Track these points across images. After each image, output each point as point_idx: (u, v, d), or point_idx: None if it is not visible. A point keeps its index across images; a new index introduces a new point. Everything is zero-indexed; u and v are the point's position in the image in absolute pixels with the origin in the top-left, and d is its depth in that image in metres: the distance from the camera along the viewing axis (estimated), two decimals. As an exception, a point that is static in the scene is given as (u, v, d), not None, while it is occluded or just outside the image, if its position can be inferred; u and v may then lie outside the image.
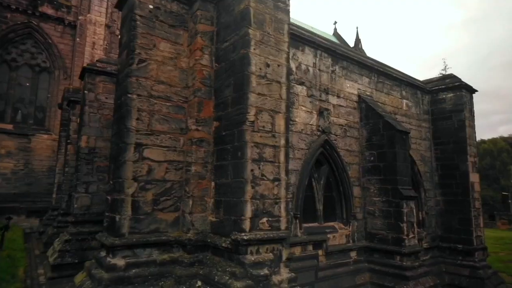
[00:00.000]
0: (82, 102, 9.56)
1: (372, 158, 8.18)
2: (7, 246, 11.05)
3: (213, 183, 5.47)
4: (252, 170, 4.82)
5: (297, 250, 6.63)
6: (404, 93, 10.18)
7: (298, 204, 6.78)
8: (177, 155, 5.58)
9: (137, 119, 5.26)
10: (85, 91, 9.34)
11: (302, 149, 7.13)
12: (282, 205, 5.14)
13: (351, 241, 7.76)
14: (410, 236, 7.49)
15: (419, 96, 10.79)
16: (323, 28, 59.14)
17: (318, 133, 7.52)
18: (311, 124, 7.41)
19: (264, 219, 4.89)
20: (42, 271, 8.78)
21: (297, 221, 6.75)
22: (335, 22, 50.67)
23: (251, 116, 4.92)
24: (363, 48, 39.37)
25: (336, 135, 7.94)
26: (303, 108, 7.30)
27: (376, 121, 8.19)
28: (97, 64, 9.60)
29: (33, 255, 11.12)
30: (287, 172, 5.29)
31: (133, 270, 4.85)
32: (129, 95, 5.25)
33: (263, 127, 5.07)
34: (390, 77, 9.68)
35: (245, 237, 4.52)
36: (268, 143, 5.10)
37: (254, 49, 5.10)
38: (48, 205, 16.20)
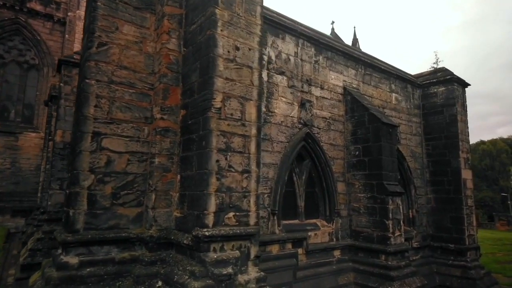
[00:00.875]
0: (58, 96, 9.18)
1: (357, 153, 7.80)
2: (-16, 245, 10.67)
3: (179, 176, 5.09)
4: (217, 161, 4.44)
5: (275, 249, 6.25)
6: (393, 86, 9.82)
7: (276, 200, 6.40)
8: (140, 146, 5.19)
9: (96, 106, 4.87)
10: (61, 84, 8.96)
11: (281, 142, 6.75)
12: (252, 199, 4.75)
13: (334, 239, 7.38)
14: (396, 234, 7.10)
15: (410, 90, 10.43)
16: (320, 28, 58.85)
17: (300, 125, 7.15)
18: (291, 116, 7.03)
19: (231, 214, 4.50)
20: (13, 271, 8.39)
21: (275, 217, 6.37)
22: (333, 22, 50.57)
23: (217, 103, 4.55)
24: (360, 47, 39.12)
25: (319, 128, 7.57)
26: (283, 99, 6.93)
27: (361, 114, 7.82)
28: (74, 56, 9.23)
29: (10, 255, 10.74)
30: (258, 164, 4.91)
31: (88, 269, 4.45)
32: (87, 81, 4.87)
33: (231, 114, 4.69)
34: (378, 70, 9.32)
35: (206, 233, 4.14)
36: (237, 132, 4.72)
37: (221, 30, 4.73)
38: (34, 205, 15.83)
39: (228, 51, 4.77)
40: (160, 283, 4.54)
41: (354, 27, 53.91)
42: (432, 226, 10.05)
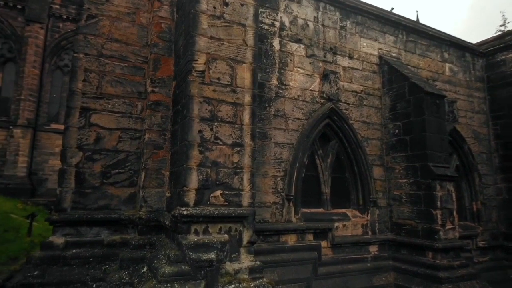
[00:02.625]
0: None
1: (396, 131, 6.58)
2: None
3: (170, 153, 4.62)
4: (200, 132, 3.85)
5: (291, 239, 5.44)
6: (446, 55, 8.25)
7: (292, 184, 5.58)
8: (133, 122, 4.84)
9: (84, 80, 4.63)
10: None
11: (298, 119, 5.91)
12: (246, 176, 4.07)
13: (370, 232, 6.28)
14: (446, 227, 5.77)
15: (469, 60, 8.70)
16: (376, 16, 54.79)
17: (322, 100, 6.22)
18: (311, 90, 6.15)
19: (218, 192, 3.87)
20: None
21: (291, 204, 5.55)
22: (392, 8, 46.86)
23: (199, 65, 3.96)
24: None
25: (348, 104, 6.54)
26: (300, 70, 6.08)
27: (400, 85, 6.59)
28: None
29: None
30: (253, 136, 4.20)
31: (73, 250, 4.20)
32: (75, 54, 4.67)
33: (218, 79, 4.07)
34: (425, 36, 7.88)
35: (184, 212, 3.56)
36: (226, 99, 4.08)
37: (205, -17, 4.14)
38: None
39: (214, 7, 4.15)
40: (145, 268, 4.08)
41: (417, 12, 49.27)
42: (504, 222, 8.21)
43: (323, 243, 5.73)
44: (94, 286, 3.99)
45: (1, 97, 19.32)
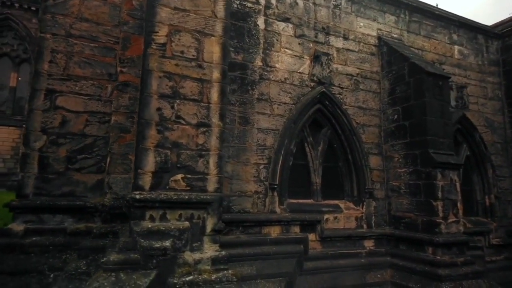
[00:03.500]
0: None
1: (395, 116, 6.06)
2: None
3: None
4: (159, 109, 3.54)
5: (274, 231, 5.04)
6: (455, 37, 7.61)
7: (276, 172, 5.18)
8: (102, 105, 4.59)
9: (50, 61, 4.42)
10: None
11: (285, 103, 5.50)
12: (212, 159, 3.72)
13: (365, 226, 5.79)
14: (449, 220, 5.21)
15: (482, 42, 8.00)
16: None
17: (312, 84, 5.79)
18: (300, 72, 5.72)
19: (179, 176, 3.55)
20: None
21: (275, 193, 5.16)
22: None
23: (160, 37, 3.65)
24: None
25: (342, 88, 6.06)
26: (288, 51, 5.66)
27: (400, 67, 6.06)
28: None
29: None
30: (222, 116, 3.85)
31: (33, 238, 3.98)
32: (41, 35, 4.46)
33: (182, 53, 3.74)
34: (431, 16, 7.28)
35: (137, 197, 3.26)
36: (190, 74, 3.75)
37: (169, -49, 3.82)
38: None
39: (178, -25, 3.83)
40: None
41: (437, 4, 47.44)
42: (522, 218, 7.49)
43: (311, 236, 5.30)
44: (51, 275, 3.76)
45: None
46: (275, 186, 5.14)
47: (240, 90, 5.13)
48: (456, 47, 7.57)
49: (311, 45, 5.89)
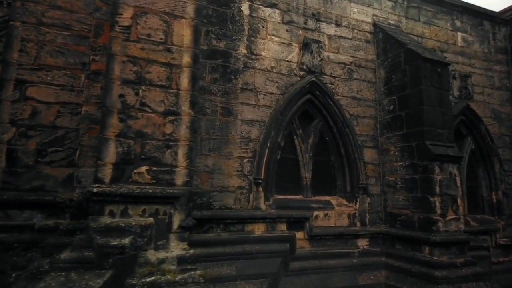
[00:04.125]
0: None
1: (391, 107, 5.69)
2: None
3: (109, 128, 4.09)
4: (121, 96, 3.31)
5: (258, 229, 4.76)
6: (458, 23, 7.16)
7: (261, 167, 4.90)
8: (75, 96, 4.37)
9: (20, 50, 4.22)
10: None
11: (271, 93, 5.20)
12: (181, 150, 3.46)
13: (358, 223, 5.45)
14: (448, 218, 4.83)
15: (488, 29, 7.53)
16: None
17: (302, 73, 5.47)
18: (288, 61, 5.41)
19: (143, 168, 3.30)
20: None
21: (260, 188, 4.87)
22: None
23: (124, 19, 3.42)
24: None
25: (334, 77, 5.73)
26: (275, 38, 5.36)
27: (396, 54, 5.68)
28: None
29: None
30: (193, 104, 3.59)
31: (-1, 235, 3.78)
32: (11, 23, 4.27)
33: (149, 36, 3.49)
34: (431, 1, 6.86)
35: (95, 190, 3.04)
36: (157, 59, 3.50)
37: None
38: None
39: (145, -46, 3.57)
40: (70, 257, 3.58)
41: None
42: (532, 216, 7.00)
43: (299, 234, 4.99)
44: (13, 275, 3.55)
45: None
46: (260, 181, 4.85)
47: (223, 79, 4.86)
48: (459, 34, 7.12)
49: (300, 32, 5.57)
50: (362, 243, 5.39)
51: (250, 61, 5.11)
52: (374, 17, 6.24)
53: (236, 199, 4.71)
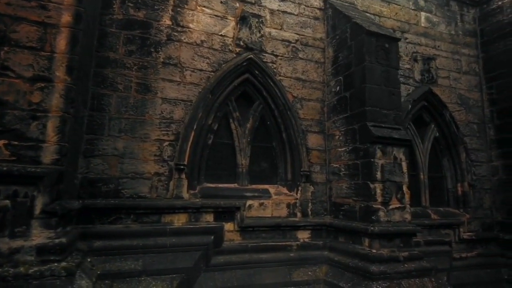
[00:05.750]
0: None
1: (337, 88, 5.20)
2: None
3: None
4: (-23, 57, 2.79)
5: (179, 220, 4.25)
6: (421, 2, 6.68)
7: (185, 151, 4.40)
8: None
9: None
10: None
11: (201, 70, 4.71)
12: (51, 123, 2.96)
13: (299, 214, 4.95)
14: (390, 206, 4.34)
15: (456, 9, 7.05)
16: None
17: (238, 49, 4.98)
18: (222, 35, 4.92)
19: (1, 142, 2.79)
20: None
21: (183, 175, 4.37)
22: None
23: (-16, -30, 2.90)
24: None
25: (276, 56, 5.24)
26: (207, 10, 4.87)
27: (343, 30, 5.19)
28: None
29: None
30: (71, 69, 3.08)
31: None
32: None
33: (16, -10, 2.99)
34: (391, -24, 6.38)
35: None
36: (27, 16, 3.00)
37: None
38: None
39: None
40: None
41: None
42: (501, 209, 6.51)
43: (228, 226, 4.49)
44: None
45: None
46: (183, 167, 4.35)
47: (140, 51, 4.37)
48: (423, 13, 6.64)
49: (237, 4, 5.08)
50: (303, 235, 4.90)
51: (175, 33, 4.62)
52: (324, -8, 5.75)
53: (152, 186, 4.21)
